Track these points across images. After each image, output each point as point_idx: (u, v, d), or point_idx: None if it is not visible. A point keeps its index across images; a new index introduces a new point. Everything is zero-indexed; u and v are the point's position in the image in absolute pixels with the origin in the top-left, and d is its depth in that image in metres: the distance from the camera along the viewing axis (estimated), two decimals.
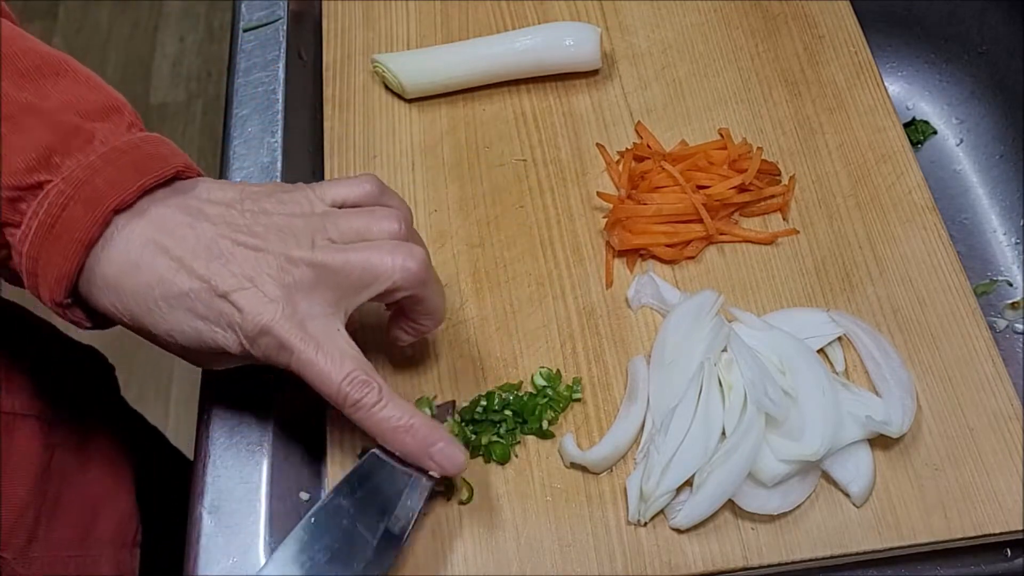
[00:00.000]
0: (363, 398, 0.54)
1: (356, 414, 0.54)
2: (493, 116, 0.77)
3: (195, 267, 0.52)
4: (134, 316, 0.54)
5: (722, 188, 0.69)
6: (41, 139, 0.52)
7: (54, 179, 0.51)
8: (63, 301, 0.53)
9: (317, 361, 0.53)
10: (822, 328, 0.65)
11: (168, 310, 0.53)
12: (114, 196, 0.52)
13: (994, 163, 0.91)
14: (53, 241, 0.51)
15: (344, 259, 0.54)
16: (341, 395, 0.53)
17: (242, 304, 0.52)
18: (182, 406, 1.82)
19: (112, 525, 0.74)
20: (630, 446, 0.62)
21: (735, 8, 0.81)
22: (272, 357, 0.53)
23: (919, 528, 0.58)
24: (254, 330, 0.52)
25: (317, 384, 0.53)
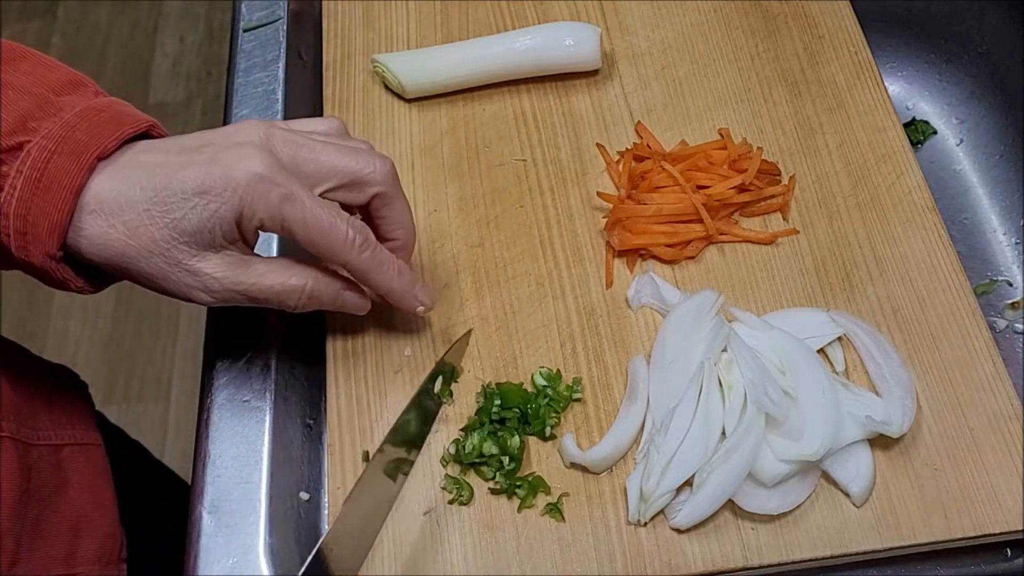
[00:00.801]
0: (367, 238, 0.58)
1: (363, 254, 0.57)
2: (493, 116, 0.77)
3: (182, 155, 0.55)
4: (133, 229, 0.54)
5: (722, 188, 0.69)
6: (17, 107, 0.54)
7: (33, 139, 0.53)
8: (55, 253, 0.54)
9: (322, 209, 0.55)
10: (822, 328, 0.65)
11: (166, 202, 0.54)
12: (96, 145, 0.54)
13: (994, 163, 0.91)
14: (42, 193, 0.53)
15: (323, 145, 0.58)
16: (349, 239, 0.56)
17: (230, 160, 0.54)
18: (182, 406, 1.82)
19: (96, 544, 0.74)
20: (630, 446, 0.62)
21: (735, 8, 0.81)
22: (274, 209, 0.54)
23: (919, 528, 0.58)
24: (250, 178, 0.53)
25: (322, 231, 0.56)
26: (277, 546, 0.60)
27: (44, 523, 0.69)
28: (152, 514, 0.84)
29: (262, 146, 0.55)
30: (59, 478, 0.72)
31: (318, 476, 0.67)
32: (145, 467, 1.00)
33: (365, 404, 0.65)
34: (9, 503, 0.64)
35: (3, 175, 0.53)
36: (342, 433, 0.64)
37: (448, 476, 0.61)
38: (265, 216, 0.55)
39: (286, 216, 0.55)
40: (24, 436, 0.68)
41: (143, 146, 0.56)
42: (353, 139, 0.62)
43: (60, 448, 0.73)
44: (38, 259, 0.54)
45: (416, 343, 0.66)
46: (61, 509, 0.71)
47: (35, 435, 0.70)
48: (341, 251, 0.57)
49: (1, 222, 0.54)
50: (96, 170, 0.54)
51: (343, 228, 0.56)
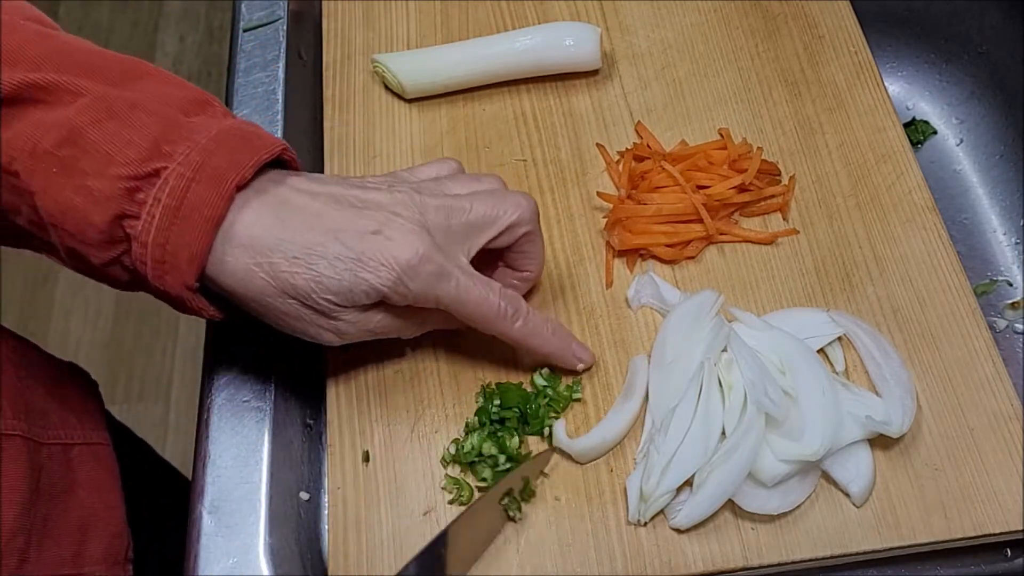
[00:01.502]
0: (519, 308, 0.59)
1: (514, 325, 0.59)
2: (493, 116, 0.77)
3: (342, 213, 0.55)
4: (276, 272, 0.54)
5: (722, 188, 0.69)
6: (150, 131, 0.53)
7: (170, 165, 0.52)
8: (193, 284, 0.53)
9: (475, 285, 0.56)
10: (822, 328, 0.65)
11: (319, 256, 0.54)
12: (234, 173, 0.53)
13: (994, 163, 0.91)
14: (181, 222, 0.52)
15: (470, 201, 0.58)
16: (502, 311, 0.58)
17: (393, 235, 0.54)
18: (182, 406, 1.82)
19: (103, 543, 0.74)
20: (619, 441, 0.62)
21: (735, 8, 0.81)
22: (430, 287, 0.55)
23: (919, 528, 0.58)
24: (414, 257, 0.54)
25: (477, 305, 0.57)
26: (277, 546, 0.60)
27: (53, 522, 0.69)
28: (155, 512, 0.84)
29: (418, 220, 0.55)
30: (68, 477, 0.72)
31: (318, 476, 0.67)
32: (150, 465, 1.00)
33: (365, 404, 0.65)
34: (19, 502, 0.64)
35: (140, 203, 0.52)
36: (342, 433, 0.64)
37: (448, 476, 0.61)
38: (419, 293, 0.55)
39: (440, 295, 0.56)
40: (34, 435, 0.68)
41: (294, 183, 0.56)
42: (483, 178, 0.62)
43: (70, 447, 0.73)
44: (175, 289, 0.54)
45: (416, 343, 0.66)
46: (70, 508, 0.71)
47: (45, 434, 0.70)
48: (495, 323, 0.58)
49: (137, 250, 0.53)
50: (236, 200, 0.53)
51: (495, 301, 0.58)
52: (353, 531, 0.60)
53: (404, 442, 0.63)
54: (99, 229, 0.52)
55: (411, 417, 0.64)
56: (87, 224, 0.52)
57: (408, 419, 0.64)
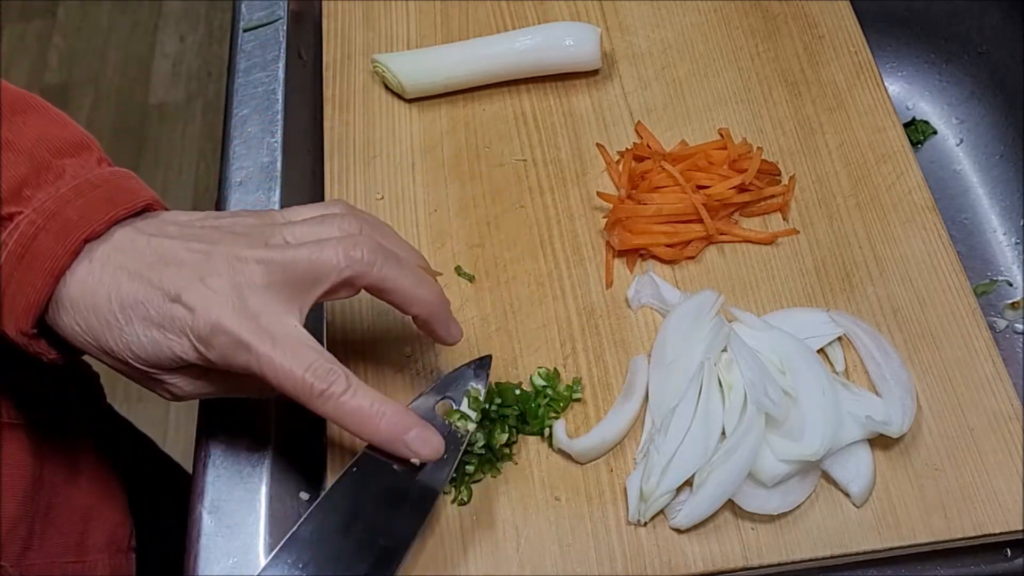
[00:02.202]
0: (329, 387, 0.51)
1: (325, 405, 0.51)
2: (493, 116, 0.77)
3: (149, 276, 0.52)
4: (95, 334, 0.53)
5: (722, 188, 0.69)
6: (16, 173, 0.52)
7: (24, 211, 0.52)
8: (28, 331, 0.53)
9: (275, 355, 0.51)
10: (822, 328, 0.65)
11: (125, 323, 0.52)
12: (85, 227, 0.52)
13: (994, 163, 0.91)
14: (23, 271, 0.51)
15: (292, 255, 0.53)
16: (306, 387, 0.51)
17: (192, 302, 0.51)
18: (182, 407, 1.82)
19: (105, 532, 0.74)
20: (619, 440, 0.62)
21: (735, 8, 0.81)
22: (230, 358, 0.51)
23: (919, 528, 0.58)
24: (206, 328, 0.51)
25: (280, 380, 0.51)
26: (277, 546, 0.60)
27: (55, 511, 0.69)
28: (157, 507, 0.84)
29: (232, 284, 0.52)
30: (70, 467, 0.73)
31: (318, 476, 0.67)
32: (151, 461, 1.00)
33: None
34: (22, 491, 0.65)
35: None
36: (342, 433, 0.64)
37: None
38: (220, 363, 0.52)
39: (241, 363, 0.51)
40: (37, 425, 0.68)
41: (123, 236, 0.54)
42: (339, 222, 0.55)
43: (72, 437, 0.73)
44: (11, 333, 0.53)
45: (416, 343, 0.66)
46: (72, 497, 0.71)
47: (47, 424, 0.70)
48: (302, 399, 0.52)
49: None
50: (84, 252, 0.52)
51: (299, 376, 0.51)
52: None
53: None
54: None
55: None
56: None
57: None
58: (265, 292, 0.52)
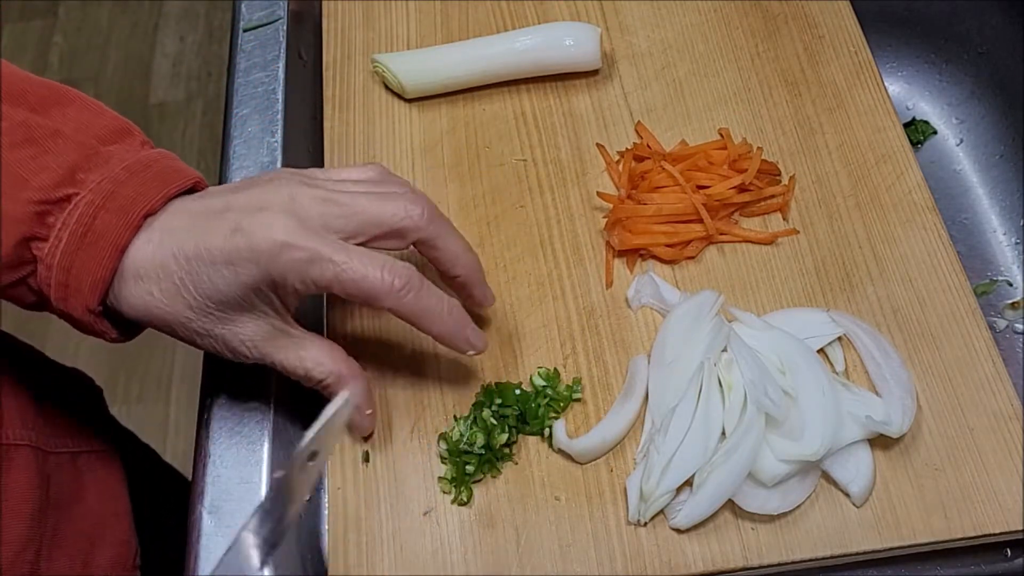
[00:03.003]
0: (408, 282, 0.55)
1: (405, 299, 0.55)
2: (493, 116, 0.77)
3: (207, 225, 0.54)
4: (169, 297, 0.54)
5: (722, 188, 0.69)
6: (66, 158, 0.54)
7: (81, 192, 0.54)
8: (96, 308, 0.55)
9: (351, 260, 0.53)
10: (822, 328, 0.65)
11: (197, 272, 0.54)
12: (143, 203, 0.54)
13: (994, 163, 0.91)
14: (87, 248, 0.53)
15: (352, 197, 0.56)
16: (387, 285, 0.54)
17: (252, 229, 0.53)
18: (182, 406, 1.82)
19: (111, 552, 0.74)
20: (619, 441, 0.62)
21: (735, 8, 0.81)
22: (304, 273, 0.53)
23: (919, 528, 0.58)
24: (272, 247, 0.52)
25: (359, 283, 0.53)
26: None
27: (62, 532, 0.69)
28: (157, 511, 0.84)
29: (285, 209, 0.54)
30: (76, 486, 0.72)
31: (318, 476, 0.67)
32: (156, 473, 1.00)
33: None
34: (29, 512, 0.64)
35: (49, 226, 0.53)
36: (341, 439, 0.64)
37: (441, 478, 0.61)
38: (295, 281, 0.54)
39: (316, 278, 0.53)
40: (42, 444, 0.69)
41: (176, 207, 0.56)
42: (391, 182, 0.60)
43: (77, 455, 0.73)
44: (77, 312, 0.55)
45: (416, 343, 0.66)
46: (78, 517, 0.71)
47: (53, 443, 0.70)
48: (381, 298, 0.55)
49: (43, 273, 0.54)
50: (144, 229, 0.54)
51: (378, 275, 0.54)
52: (353, 531, 0.60)
53: (404, 442, 0.63)
54: (6, 252, 0.53)
55: (411, 417, 0.64)
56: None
57: (408, 419, 0.64)
58: (320, 221, 0.54)
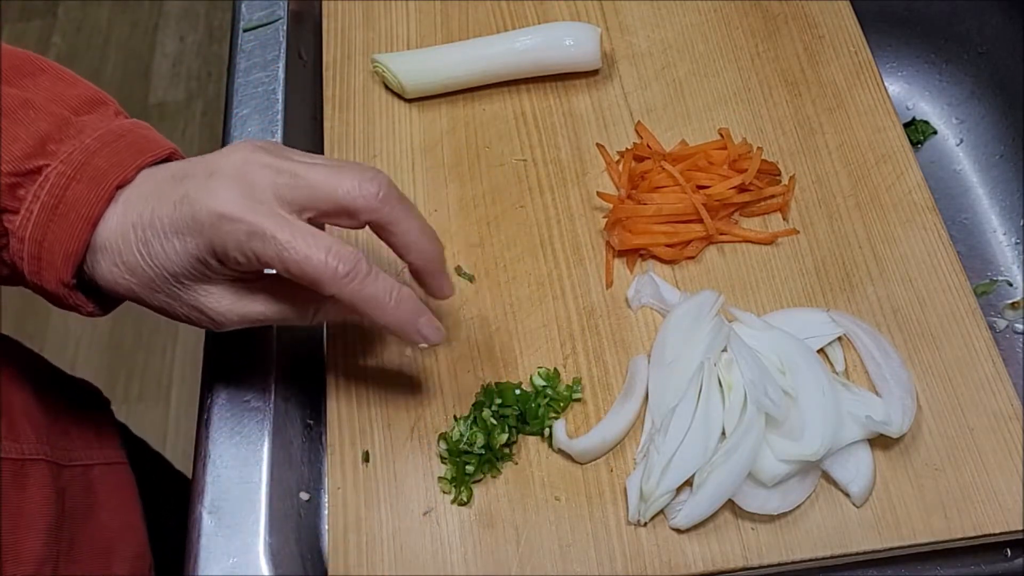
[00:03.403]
0: (353, 268, 0.51)
1: (349, 286, 0.51)
2: (493, 116, 0.77)
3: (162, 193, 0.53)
4: (131, 268, 0.53)
5: (722, 188, 0.69)
6: (37, 128, 0.53)
7: (52, 163, 0.53)
8: (69, 281, 0.54)
9: (295, 239, 0.50)
10: (822, 328, 0.65)
11: (151, 242, 0.52)
12: (116, 174, 0.53)
13: (994, 163, 0.91)
14: (59, 220, 0.52)
15: (305, 169, 0.52)
16: (330, 270, 0.50)
17: (196, 196, 0.51)
18: (182, 407, 1.82)
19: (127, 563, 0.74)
20: (619, 441, 0.62)
21: (735, 8, 0.81)
22: (245, 247, 0.50)
23: (919, 528, 0.58)
24: (211, 217, 0.50)
25: (301, 265, 0.50)
26: (277, 546, 0.60)
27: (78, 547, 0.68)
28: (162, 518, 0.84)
29: (234, 175, 0.51)
30: (90, 500, 0.72)
31: (318, 476, 0.67)
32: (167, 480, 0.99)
33: (365, 404, 0.65)
34: (45, 528, 0.64)
35: (20, 198, 0.52)
36: (342, 433, 0.64)
37: (441, 478, 0.61)
38: (236, 254, 0.51)
39: (257, 252, 0.51)
40: (57, 458, 0.68)
41: (145, 175, 0.55)
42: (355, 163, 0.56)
43: (90, 468, 0.73)
44: (51, 285, 0.54)
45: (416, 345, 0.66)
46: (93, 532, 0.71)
47: (66, 456, 0.70)
48: (324, 283, 0.51)
49: (15, 246, 0.53)
50: (117, 199, 0.54)
51: (321, 258, 0.50)
52: (353, 531, 0.60)
53: (404, 442, 0.63)
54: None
55: (411, 417, 0.64)
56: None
57: (408, 419, 0.64)
58: (270, 191, 0.52)
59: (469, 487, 0.61)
